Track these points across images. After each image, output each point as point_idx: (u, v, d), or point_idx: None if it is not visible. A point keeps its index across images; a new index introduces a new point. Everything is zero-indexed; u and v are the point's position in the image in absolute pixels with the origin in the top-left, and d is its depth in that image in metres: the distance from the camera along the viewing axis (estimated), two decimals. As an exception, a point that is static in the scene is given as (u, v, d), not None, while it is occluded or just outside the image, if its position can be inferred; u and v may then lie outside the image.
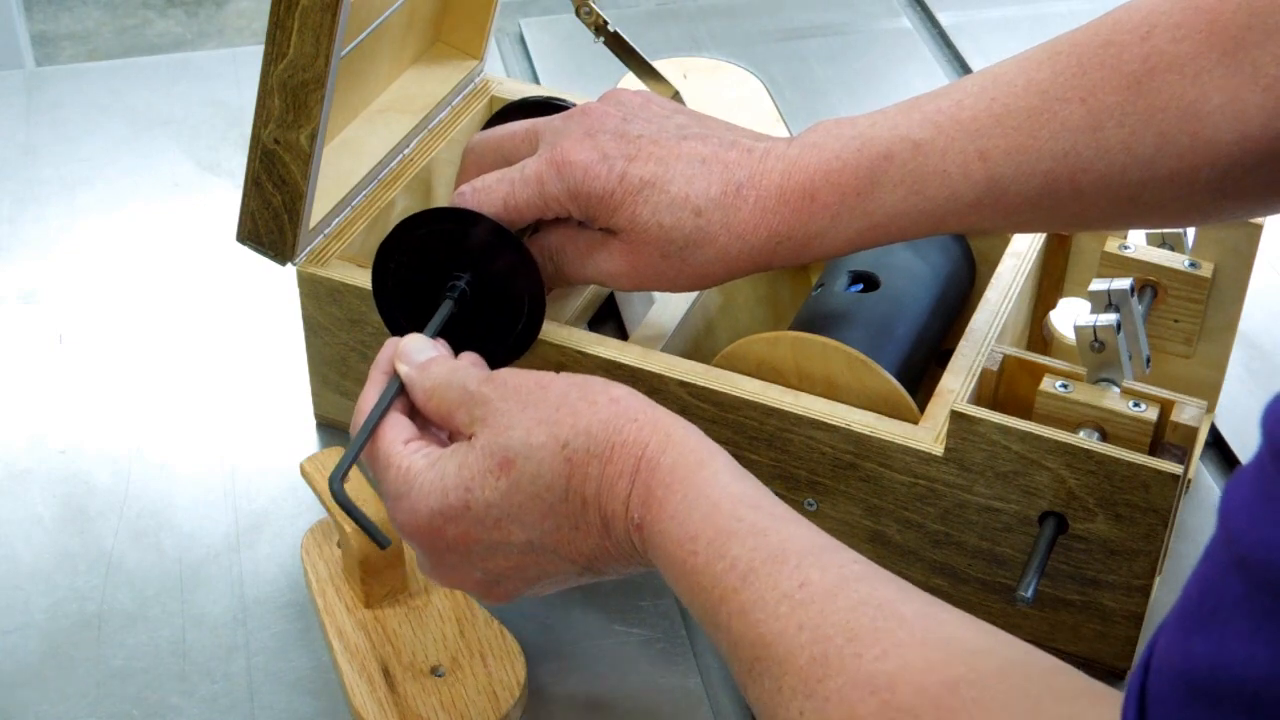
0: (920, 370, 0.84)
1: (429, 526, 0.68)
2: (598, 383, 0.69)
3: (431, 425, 0.73)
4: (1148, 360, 0.79)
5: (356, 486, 0.79)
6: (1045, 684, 0.53)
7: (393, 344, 0.74)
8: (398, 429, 0.71)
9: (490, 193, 0.79)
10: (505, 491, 0.67)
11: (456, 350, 0.77)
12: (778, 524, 0.62)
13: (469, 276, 0.79)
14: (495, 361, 0.81)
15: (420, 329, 0.78)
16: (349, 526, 0.77)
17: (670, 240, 0.77)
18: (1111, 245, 0.87)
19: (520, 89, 1.00)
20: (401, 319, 0.81)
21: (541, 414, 0.67)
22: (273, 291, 1.00)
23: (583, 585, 0.72)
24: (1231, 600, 0.43)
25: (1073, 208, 0.74)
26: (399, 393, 0.72)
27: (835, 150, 0.75)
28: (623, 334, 0.93)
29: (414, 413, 0.73)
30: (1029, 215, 0.75)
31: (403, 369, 0.73)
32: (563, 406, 0.67)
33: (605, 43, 0.99)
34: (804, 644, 0.57)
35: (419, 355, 0.73)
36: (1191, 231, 0.87)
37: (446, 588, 0.72)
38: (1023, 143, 0.72)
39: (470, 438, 0.69)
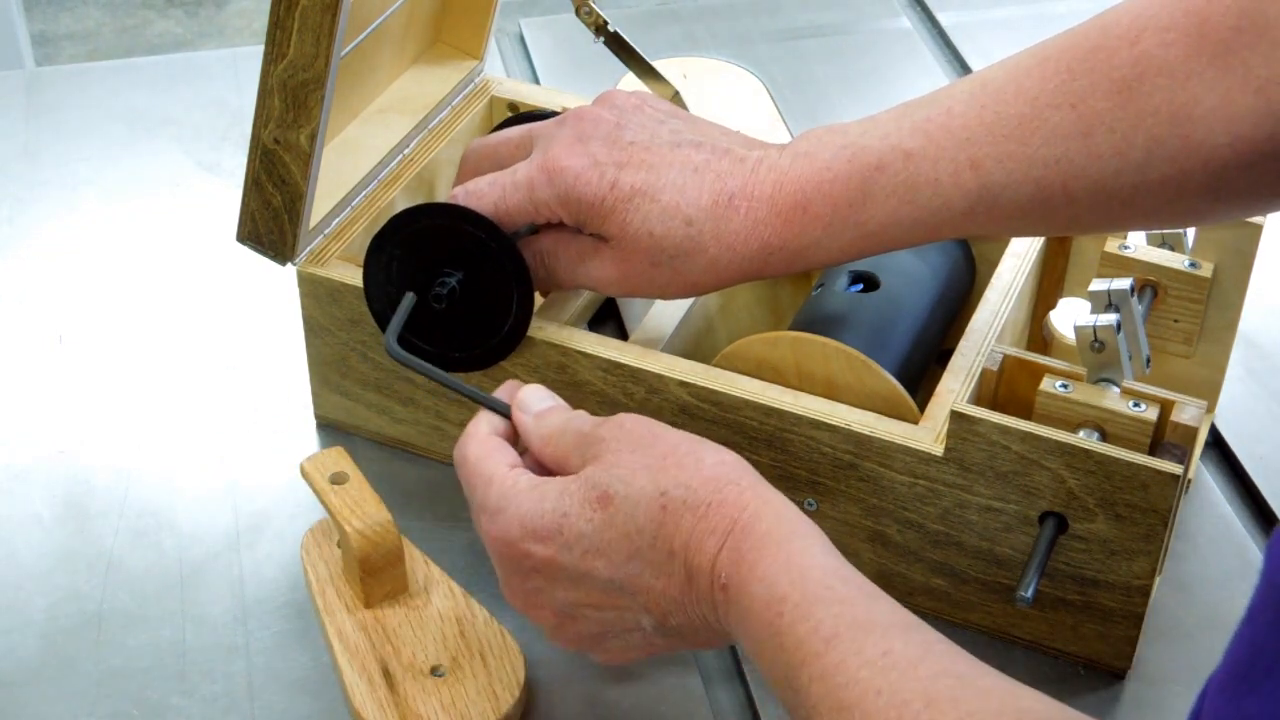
0: (920, 370, 0.84)
1: (520, 544, 0.69)
2: (710, 445, 0.69)
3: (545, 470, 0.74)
4: (1148, 360, 0.79)
5: (356, 487, 0.79)
6: None
7: (511, 386, 0.75)
8: (503, 452, 0.72)
9: (481, 197, 0.79)
10: (599, 525, 0.68)
11: (443, 347, 0.78)
12: (866, 598, 0.62)
13: (460, 275, 0.79)
14: (482, 359, 0.82)
15: (406, 320, 0.80)
16: (349, 526, 0.77)
17: (660, 249, 0.77)
18: (1111, 245, 0.87)
19: (520, 89, 1.00)
20: (389, 311, 0.81)
21: (648, 460, 0.68)
22: (273, 291, 1.00)
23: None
24: None
25: (1066, 213, 0.73)
26: (506, 413, 0.74)
27: (826, 160, 0.75)
28: (623, 334, 0.93)
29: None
30: (1022, 221, 0.74)
31: (520, 416, 0.74)
32: (669, 456, 0.68)
33: (605, 43, 0.99)
34: (881, 708, 0.57)
35: (537, 404, 0.74)
36: (1191, 231, 0.87)
37: (522, 612, 0.73)
38: (1014, 150, 0.72)
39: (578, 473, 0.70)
